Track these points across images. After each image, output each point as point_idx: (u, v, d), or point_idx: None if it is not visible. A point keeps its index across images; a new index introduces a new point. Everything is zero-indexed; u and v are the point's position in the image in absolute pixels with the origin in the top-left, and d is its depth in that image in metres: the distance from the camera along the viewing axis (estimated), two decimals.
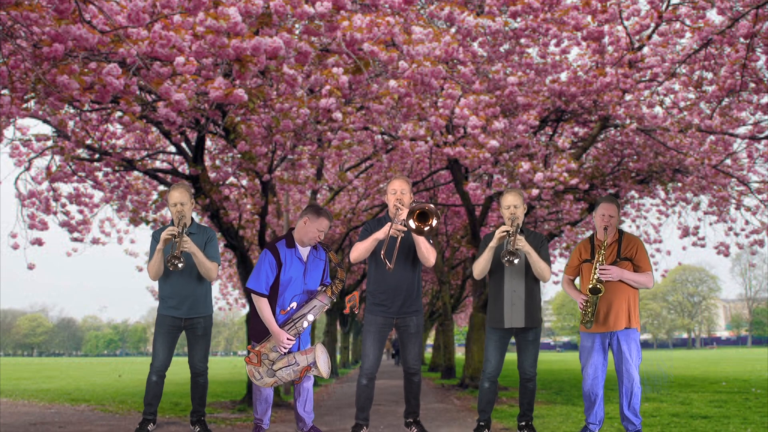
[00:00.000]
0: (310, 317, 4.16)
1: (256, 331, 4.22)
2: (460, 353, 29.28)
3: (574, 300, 4.50)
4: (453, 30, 5.81)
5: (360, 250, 4.29)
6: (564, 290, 4.62)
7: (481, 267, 4.41)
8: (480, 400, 4.53)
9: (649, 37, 7.74)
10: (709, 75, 7.60)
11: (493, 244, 4.33)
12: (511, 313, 4.36)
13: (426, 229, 4.06)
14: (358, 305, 4.22)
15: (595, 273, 4.19)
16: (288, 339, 4.07)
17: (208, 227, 4.70)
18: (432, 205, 4.08)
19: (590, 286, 4.17)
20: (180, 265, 4.22)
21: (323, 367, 4.08)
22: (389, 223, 4.23)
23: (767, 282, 69.46)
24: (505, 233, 4.26)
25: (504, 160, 7.70)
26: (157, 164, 9.18)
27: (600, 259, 4.20)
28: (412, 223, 4.05)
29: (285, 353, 4.10)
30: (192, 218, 4.52)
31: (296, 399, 4.36)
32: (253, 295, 4.14)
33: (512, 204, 4.37)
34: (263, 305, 4.10)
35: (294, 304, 4.17)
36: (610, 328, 4.24)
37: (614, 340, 4.26)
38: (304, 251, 4.27)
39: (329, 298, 4.20)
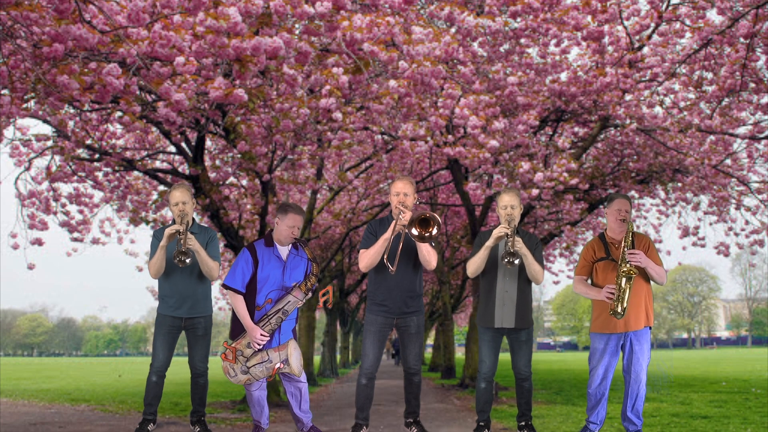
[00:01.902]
0: (284, 314, 4.16)
1: (235, 329, 4.25)
2: (460, 353, 29.29)
3: (574, 300, 4.48)
4: (453, 30, 5.81)
5: (370, 257, 4.24)
6: (578, 292, 4.51)
7: (476, 266, 4.39)
8: (478, 401, 4.53)
9: (649, 37, 7.74)
10: (709, 75, 7.59)
11: (490, 243, 4.31)
12: (502, 314, 4.36)
13: (427, 236, 4.07)
14: (331, 299, 4.24)
15: (625, 259, 4.12)
16: (261, 335, 4.08)
17: (209, 228, 4.72)
18: (434, 213, 4.08)
19: (624, 269, 4.08)
20: (188, 261, 4.25)
21: (295, 364, 4.08)
22: (394, 222, 4.22)
23: (767, 282, 69.54)
24: (504, 234, 4.25)
25: (504, 160, 7.70)
26: (157, 164, 9.18)
27: (627, 245, 4.15)
28: (414, 231, 4.06)
29: (259, 350, 4.11)
30: (193, 218, 4.53)
31: (290, 400, 4.36)
32: (229, 292, 4.19)
33: (509, 204, 4.36)
34: (238, 302, 4.14)
35: (270, 300, 4.19)
36: (631, 327, 4.19)
37: (627, 341, 4.23)
38: (284, 250, 4.31)
39: (303, 293, 4.19)
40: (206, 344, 4.60)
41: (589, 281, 4.45)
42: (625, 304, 4.09)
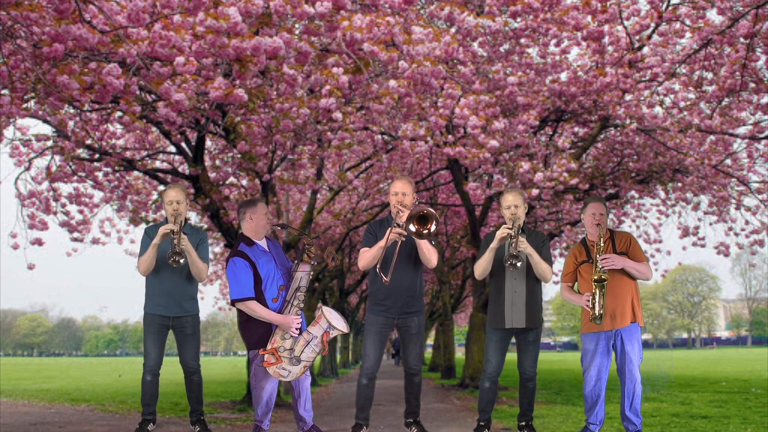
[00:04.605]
0: (303, 289, 4.22)
1: (254, 337, 4.21)
2: (460, 353, 29.25)
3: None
4: (453, 30, 5.80)
5: (367, 259, 4.28)
6: (564, 297, 4.60)
7: (482, 268, 4.40)
8: (480, 400, 4.53)
9: (649, 37, 7.73)
10: (709, 75, 7.59)
11: (494, 245, 4.31)
12: (512, 314, 4.35)
13: (425, 232, 4.07)
14: (336, 255, 4.34)
15: (597, 265, 4.17)
16: (295, 319, 4.12)
17: (200, 229, 4.73)
18: (432, 209, 4.08)
19: (595, 277, 4.15)
20: (182, 261, 4.25)
21: (340, 324, 4.10)
22: (390, 228, 4.22)
23: (767, 282, 69.52)
24: (507, 234, 4.25)
25: (504, 160, 7.70)
26: (157, 164, 9.18)
27: (599, 251, 4.19)
28: (412, 227, 4.06)
29: (299, 334, 4.12)
30: (186, 219, 4.54)
31: (296, 399, 4.36)
32: (241, 305, 4.15)
33: (513, 204, 4.35)
34: (254, 306, 4.12)
35: (282, 287, 4.23)
36: (617, 325, 4.21)
37: (618, 340, 4.24)
38: (263, 243, 4.38)
39: (309, 264, 4.24)
40: (196, 342, 4.62)
41: (576, 286, 4.49)
42: (601, 310, 4.15)
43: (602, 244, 4.22)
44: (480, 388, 4.54)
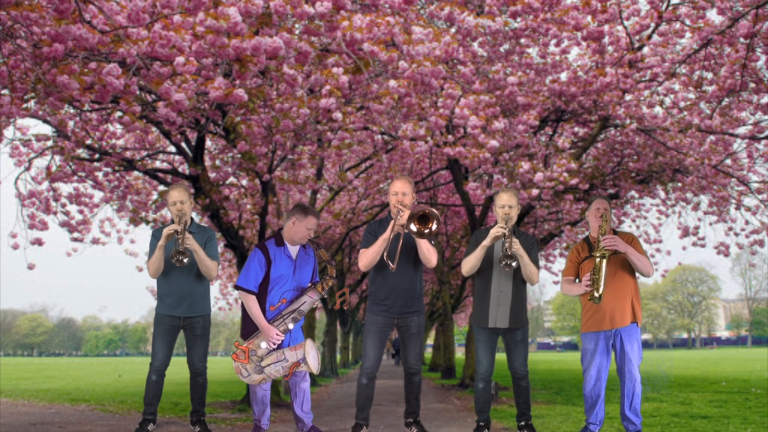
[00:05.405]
0: (301, 313, 4.21)
1: (246, 329, 4.25)
2: (460, 353, 29.27)
3: (574, 300, 4.51)
4: (453, 30, 5.81)
5: (369, 256, 4.26)
6: (564, 292, 4.58)
7: (471, 265, 4.39)
8: (477, 401, 4.53)
9: (649, 37, 7.74)
10: (709, 75, 7.59)
11: (486, 243, 4.31)
12: (497, 313, 4.36)
13: (426, 232, 4.07)
14: (348, 300, 4.28)
15: (599, 245, 4.15)
16: (277, 334, 4.10)
17: (208, 227, 4.72)
18: (432, 209, 4.09)
19: (597, 254, 4.13)
20: (185, 260, 4.25)
21: (313, 363, 4.08)
22: (393, 221, 4.23)
23: (767, 282, 69.56)
24: (501, 234, 4.25)
25: (504, 160, 7.70)
26: (157, 164, 9.18)
27: (603, 233, 4.20)
28: (413, 227, 4.06)
29: (274, 349, 4.11)
30: (192, 218, 4.53)
31: (293, 400, 4.37)
32: (241, 293, 4.19)
33: (507, 204, 4.36)
34: (251, 302, 4.14)
35: (284, 300, 4.21)
36: (617, 324, 4.22)
37: (617, 339, 4.24)
38: (294, 249, 4.33)
39: (319, 294, 4.25)
40: (205, 343, 4.60)
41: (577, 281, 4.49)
42: (601, 289, 4.11)
43: (606, 227, 4.24)
44: (474, 389, 4.54)
